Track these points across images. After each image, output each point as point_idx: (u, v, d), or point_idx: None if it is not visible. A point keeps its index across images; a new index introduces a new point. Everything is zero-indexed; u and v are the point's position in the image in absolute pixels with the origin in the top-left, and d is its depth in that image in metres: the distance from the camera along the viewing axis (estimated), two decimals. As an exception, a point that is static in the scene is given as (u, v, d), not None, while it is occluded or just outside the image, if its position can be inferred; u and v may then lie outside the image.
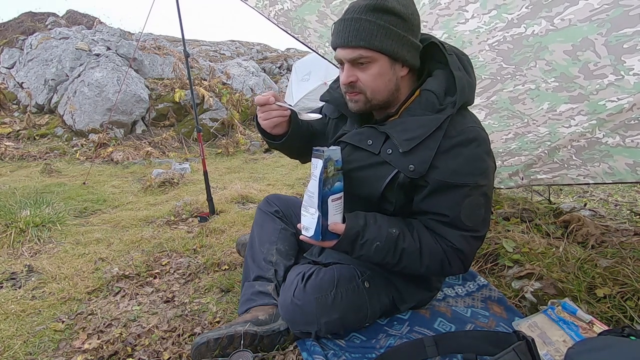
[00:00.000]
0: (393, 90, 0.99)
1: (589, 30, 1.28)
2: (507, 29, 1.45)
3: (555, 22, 1.32)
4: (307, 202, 0.95)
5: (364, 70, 0.95)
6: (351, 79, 0.97)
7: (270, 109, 1.03)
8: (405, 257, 0.99)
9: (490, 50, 1.59)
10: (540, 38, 1.41)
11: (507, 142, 2.04)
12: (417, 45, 0.98)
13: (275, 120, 1.04)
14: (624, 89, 1.40)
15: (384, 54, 0.93)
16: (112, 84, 5.70)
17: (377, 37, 0.90)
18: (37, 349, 1.19)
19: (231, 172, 4.29)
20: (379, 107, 1.03)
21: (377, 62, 0.94)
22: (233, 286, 1.53)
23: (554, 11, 1.29)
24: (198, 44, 13.29)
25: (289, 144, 1.15)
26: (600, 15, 1.22)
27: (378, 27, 0.90)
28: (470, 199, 0.95)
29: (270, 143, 1.16)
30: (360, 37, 0.91)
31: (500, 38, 1.51)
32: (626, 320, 1.19)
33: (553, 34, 1.36)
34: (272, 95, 1.02)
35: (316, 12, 1.79)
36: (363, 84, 0.97)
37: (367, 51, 0.92)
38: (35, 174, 3.91)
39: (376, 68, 0.94)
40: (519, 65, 1.58)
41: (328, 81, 5.63)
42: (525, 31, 1.42)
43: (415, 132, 0.95)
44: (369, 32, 0.90)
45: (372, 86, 0.97)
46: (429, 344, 1.00)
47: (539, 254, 1.59)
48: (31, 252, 1.94)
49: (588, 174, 1.84)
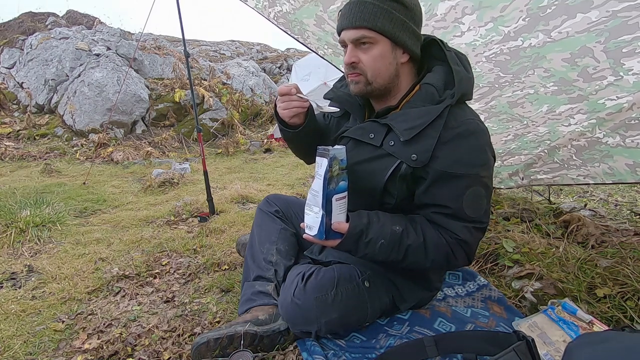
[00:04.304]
0: (393, 75, 1.02)
1: (588, 39, 1.27)
2: (503, 42, 1.45)
3: (553, 35, 1.32)
4: (311, 200, 0.95)
5: (366, 52, 0.99)
6: (353, 60, 1.00)
7: (291, 99, 1.07)
8: (411, 253, 0.99)
9: (487, 62, 1.59)
10: (538, 49, 1.40)
11: (506, 143, 2.04)
12: (419, 34, 1.01)
13: (295, 111, 1.08)
14: (623, 88, 1.39)
15: (385, 36, 0.97)
16: (112, 84, 5.70)
17: (380, 19, 0.95)
18: (37, 349, 1.19)
19: (231, 172, 4.29)
20: (379, 93, 1.05)
21: (378, 44, 0.98)
22: (233, 286, 1.53)
23: (551, 24, 1.28)
24: (198, 44, 13.30)
25: (303, 136, 1.18)
26: (598, 27, 1.21)
27: (381, 10, 0.95)
28: (471, 189, 0.97)
29: (285, 132, 1.19)
30: (364, 18, 0.95)
31: (497, 50, 1.51)
32: (626, 320, 1.19)
33: (551, 44, 1.36)
34: (294, 87, 1.06)
35: (314, 16, 1.79)
36: (364, 65, 1.00)
37: (370, 32, 0.96)
38: (35, 174, 3.91)
39: (378, 50, 0.98)
40: (516, 74, 1.58)
41: (328, 81, 5.64)
42: (522, 44, 1.41)
43: (415, 122, 0.97)
44: (373, 14, 0.95)
45: (372, 67, 1.00)
46: (429, 344, 1.00)
47: (539, 254, 1.59)
48: (31, 252, 1.94)
49: (588, 174, 1.84)
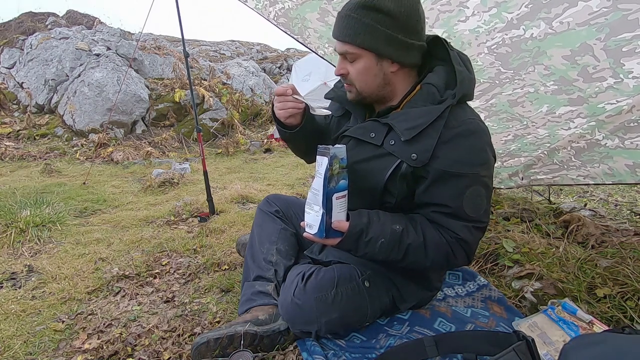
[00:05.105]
0: (382, 84, 1.02)
1: (588, 35, 1.27)
2: (506, 30, 1.45)
3: (554, 26, 1.32)
4: (311, 199, 0.96)
5: (352, 65, 1.01)
6: (342, 72, 1.03)
7: (286, 100, 1.07)
8: (411, 252, 0.99)
9: (489, 54, 1.59)
10: (539, 42, 1.41)
11: (506, 143, 2.04)
12: (410, 43, 0.97)
13: (290, 111, 1.09)
14: (623, 91, 1.39)
15: (368, 50, 0.96)
16: (112, 84, 5.70)
17: (361, 35, 0.94)
18: (37, 349, 1.19)
19: (231, 172, 4.29)
20: (373, 100, 1.07)
21: (362, 58, 0.98)
22: (233, 286, 1.53)
23: (552, 12, 1.28)
24: (198, 44, 13.30)
25: (300, 137, 1.18)
26: (598, 19, 1.21)
27: (363, 26, 0.93)
28: (471, 189, 0.96)
29: (282, 132, 1.20)
30: (347, 34, 0.96)
31: (499, 40, 1.51)
32: (626, 320, 1.19)
33: (552, 37, 1.36)
34: (290, 88, 1.07)
35: (318, 9, 1.79)
36: (352, 77, 1.02)
37: (352, 47, 0.97)
38: (35, 174, 3.91)
39: (362, 63, 0.99)
40: (517, 70, 1.58)
41: (328, 81, 5.64)
42: (524, 34, 1.41)
43: (416, 121, 0.97)
44: (354, 30, 0.94)
45: (359, 80, 1.02)
46: (429, 344, 1.00)
47: (539, 254, 1.59)
48: (31, 252, 1.94)
49: (588, 174, 1.84)
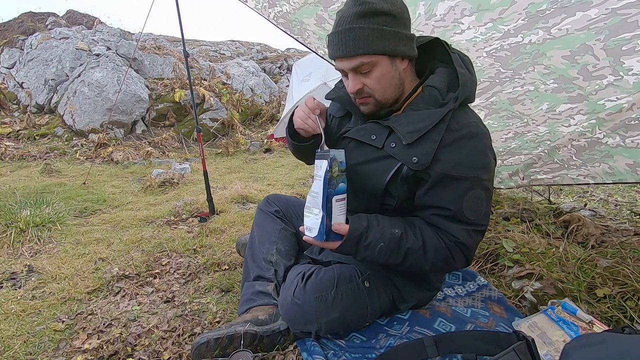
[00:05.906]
0: (398, 84, 1.01)
1: (587, 37, 1.27)
2: (504, 38, 1.45)
3: (553, 32, 1.32)
4: (310, 202, 0.95)
5: (368, 76, 0.97)
6: (358, 87, 0.99)
7: (309, 117, 1.07)
8: (410, 256, 0.99)
9: (488, 57, 1.59)
10: (538, 46, 1.41)
11: (506, 141, 2.04)
12: (411, 36, 0.99)
13: (306, 127, 1.09)
14: (623, 89, 1.39)
15: (383, 54, 0.94)
16: (112, 84, 5.70)
17: (374, 42, 0.92)
18: (37, 349, 1.19)
19: (231, 172, 4.29)
20: (390, 104, 1.05)
21: (378, 65, 0.95)
22: (233, 286, 1.53)
23: (550, 22, 1.28)
24: (198, 44, 13.29)
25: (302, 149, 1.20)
26: (598, 24, 1.21)
27: (372, 31, 0.91)
28: (472, 192, 0.96)
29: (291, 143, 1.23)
30: (358, 46, 0.92)
31: (497, 46, 1.51)
32: (626, 320, 1.19)
33: (551, 41, 1.36)
34: (320, 109, 1.07)
35: (314, 16, 1.78)
36: (370, 88, 0.99)
37: (368, 57, 0.93)
38: (35, 174, 3.91)
39: (379, 70, 0.96)
40: (517, 70, 1.58)
41: (328, 81, 5.62)
42: (523, 40, 1.41)
43: (418, 125, 0.97)
44: (365, 39, 0.91)
45: (379, 88, 0.99)
46: (429, 344, 1.00)
47: (539, 254, 1.59)
48: (31, 252, 1.94)
49: (588, 174, 1.84)
